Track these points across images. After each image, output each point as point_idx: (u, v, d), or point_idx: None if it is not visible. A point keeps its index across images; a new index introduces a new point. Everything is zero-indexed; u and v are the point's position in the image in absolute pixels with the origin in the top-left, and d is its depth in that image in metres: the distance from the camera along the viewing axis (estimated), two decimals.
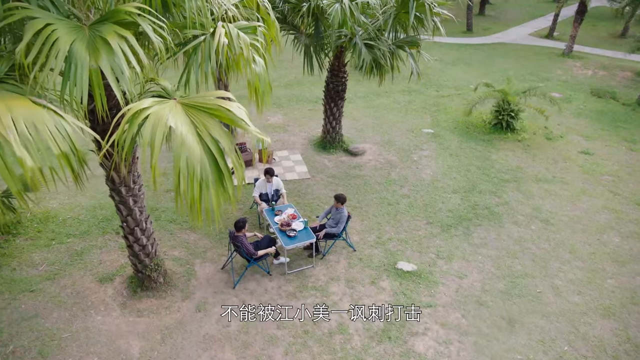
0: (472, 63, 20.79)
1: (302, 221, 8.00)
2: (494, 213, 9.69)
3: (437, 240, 8.81)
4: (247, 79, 4.32)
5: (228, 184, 3.77)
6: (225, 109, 3.68)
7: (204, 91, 4.18)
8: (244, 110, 3.83)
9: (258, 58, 4.44)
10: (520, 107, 13.34)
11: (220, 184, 3.76)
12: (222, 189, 3.78)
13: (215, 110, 3.73)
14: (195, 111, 3.78)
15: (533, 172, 11.40)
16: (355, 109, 15.00)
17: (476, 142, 12.94)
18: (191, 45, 4.30)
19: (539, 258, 8.40)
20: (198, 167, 3.50)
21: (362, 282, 7.69)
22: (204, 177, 3.58)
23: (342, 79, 11.17)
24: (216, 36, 4.08)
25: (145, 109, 3.48)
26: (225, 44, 4.07)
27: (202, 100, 3.84)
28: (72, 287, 7.17)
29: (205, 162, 3.60)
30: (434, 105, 15.70)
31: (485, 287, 7.72)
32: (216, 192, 3.73)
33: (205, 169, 3.59)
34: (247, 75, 4.25)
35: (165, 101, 3.76)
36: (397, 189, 10.47)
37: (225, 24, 4.25)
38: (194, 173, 3.48)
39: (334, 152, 12.00)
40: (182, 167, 3.43)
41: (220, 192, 3.77)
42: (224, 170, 3.72)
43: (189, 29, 4.26)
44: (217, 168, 3.73)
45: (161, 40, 3.81)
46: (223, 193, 3.79)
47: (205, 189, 3.60)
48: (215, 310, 6.99)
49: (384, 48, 9.17)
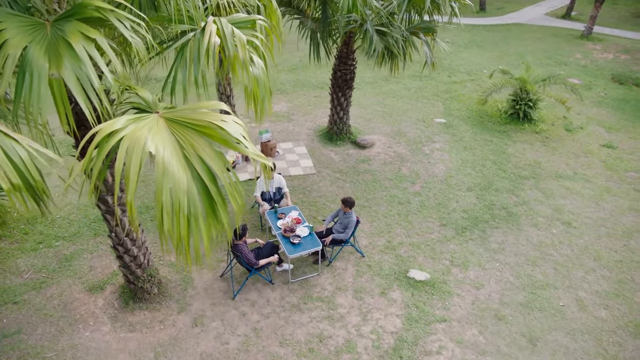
0: (486, 45, 19.80)
1: (307, 226, 7.42)
2: (511, 214, 9.07)
3: (451, 245, 8.22)
4: (244, 85, 3.65)
5: (222, 214, 3.16)
6: (217, 126, 3.04)
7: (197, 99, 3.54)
8: (241, 126, 3.19)
9: (257, 59, 3.76)
10: (539, 96, 12.54)
11: (212, 215, 3.15)
12: (214, 220, 3.17)
13: (205, 128, 3.09)
14: (182, 128, 3.14)
15: (552, 168, 10.71)
16: (363, 96, 14.23)
17: (491, 134, 12.21)
18: (177, 43, 3.63)
19: (561, 266, 7.82)
20: (185, 200, 2.89)
21: (371, 293, 7.15)
22: (192, 210, 2.98)
23: (351, 66, 10.41)
24: (206, 34, 3.40)
25: (117, 131, 2.84)
26: (217, 44, 3.39)
27: (190, 114, 3.20)
28: (60, 298, 6.68)
29: (194, 192, 2.98)
30: (446, 91, 14.89)
31: (504, 299, 7.17)
32: (207, 225, 3.13)
33: (193, 201, 2.98)
34: (244, 80, 3.58)
35: (145, 117, 3.12)
36: (408, 186, 9.83)
37: (217, 19, 3.56)
38: (179, 207, 2.87)
39: (341, 144, 11.33)
40: (164, 200, 2.82)
41: (213, 224, 3.17)
42: (217, 198, 3.10)
43: (174, 24, 3.58)
44: (208, 196, 3.11)
45: (140, 40, 3.14)
46: (216, 224, 3.19)
47: (194, 224, 3.00)
48: (214, 325, 6.49)
49: (397, 35, 8.39)
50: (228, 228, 3.21)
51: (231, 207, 7.24)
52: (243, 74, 3.52)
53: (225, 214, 3.19)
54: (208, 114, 3.18)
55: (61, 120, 2.96)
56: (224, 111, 3.41)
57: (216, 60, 3.43)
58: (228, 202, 4.60)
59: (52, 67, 2.83)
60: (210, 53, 3.36)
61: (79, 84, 2.87)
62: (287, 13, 9.78)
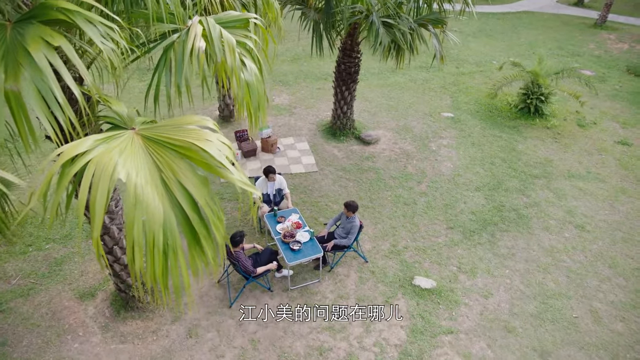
0: (495, 35, 19.17)
1: (307, 231, 7.06)
2: (522, 216, 8.67)
3: (459, 250, 7.86)
4: (233, 93, 3.25)
5: (206, 245, 2.80)
6: (199, 147, 2.66)
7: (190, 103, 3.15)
8: (227, 147, 2.80)
9: (250, 63, 3.35)
10: (551, 90, 12.03)
11: (195, 246, 2.79)
12: (198, 251, 2.81)
13: (185, 150, 2.71)
14: (160, 148, 2.76)
15: (565, 166, 10.27)
16: (367, 88, 13.75)
17: (500, 129, 11.74)
18: (159, 46, 3.23)
19: (574, 273, 7.44)
20: (160, 234, 2.53)
21: (374, 302, 6.82)
22: (169, 243, 2.61)
23: (356, 59, 9.94)
24: (190, 37, 3.00)
25: (82, 154, 2.47)
26: (202, 49, 2.99)
27: (171, 131, 2.82)
28: (48, 306, 6.39)
29: (172, 223, 2.62)
30: (454, 84, 14.38)
31: (514, 309, 6.82)
32: (191, 257, 2.77)
33: (172, 233, 2.61)
34: (233, 88, 3.18)
35: (118, 134, 2.74)
36: (413, 185, 9.44)
37: (204, 18, 3.15)
38: (154, 242, 2.51)
39: (344, 140, 10.91)
40: (136, 236, 2.46)
41: (196, 255, 2.81)
42: (199, 229, 2.74)
43: (152, 22, 3.16)
44: (190, 227, 2.75)
45: (114, 46, 2.75)
46: (201, 256, 2.83)
47: (172, 259, 2.64)
48: (209, 336, 6.19)
49: (404, 28, 7.91)
50: (214, 261, 2.85)
51: None
52: (232, 81, 3.12)
53: (210, 245, 2.82)
54: (191, 132, 2.80)
55: (21, 135, 2.59)
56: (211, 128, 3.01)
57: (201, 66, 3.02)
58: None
59: (9, 80, 2.45)
60: (194, 59, 2.96)
61: (40, 98, 2.49)
62: (289, 3, 9.30)
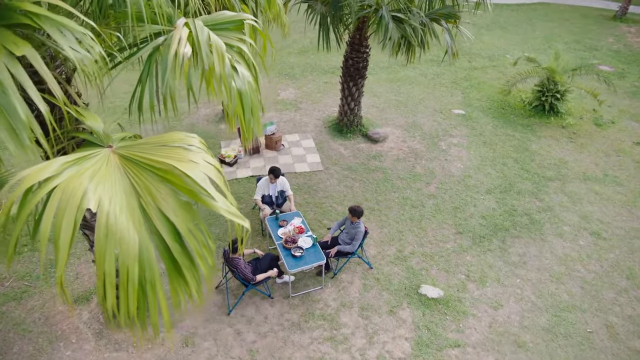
0: (509, 27, 18.54)
1: (310, 236, 6.78)
2: (534, 221, 8.31)
3: (468, 257, 7.54)
4: (222, 103, 2.93)
5: (189, 277, 2.53)
6: (181, 172, 2.37)
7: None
8: (214, 168, 2.51)
9: (243, 70, 3.03)
10: (567, 87, 11.54)
11: (177, 277, 2.52)
12: (180, 283, 2.54)
13: (166, 173, 2.43)
14: (139, 170, 2.48)
15: (580, 168, 9.85)
16: (376, 83, 13.35)
17: (513, 128, 11.31)
18: (142, 52, 2.93)
19: (588, 284, 7.10)
20: (135, 267, 2.26)
21: (378, 311, 6.55)
22: (147, 277, 2.34)
23: (364, 54, 9.56)
24: (174, 41, 2.68)
25: (48, 180, 2.19)
26: (187, 55, 2.68)
27: (152, 150, 2.54)
28: (41, 311, 6.20)
29: (150, 255, 2.35)
30: (466, 79, 13.90)
31: (524, 321, 6.51)
32: (173, 289, 2.50)
33: (149, 266, 2.34)
34: (221, 98, 2.86)
35: (92, 154, 2.47)
36: (422, 187, 9.10)
37: (191, 20, 2.83)
38: (128, 277, 2.24)
39: (351, 137, 10.57)
40: (107, 270, 2.19)
41: (178, 287, 2.54)
42: (181, 259, 2.46)
43: (130, 25, 2.85)
44: (171, 257, 2.47)
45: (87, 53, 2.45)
46: (184, 288, 2.56)
47: (150, 293, 2.37)
48: (205, 345, 5.97)
49: (415, 24, 7.51)
50: (198, 294, 2.58)
51: None
52: (221, 90, 2.81)
53: (193, 277, 2.55)
54: (174, 151, 2.51)
55: None
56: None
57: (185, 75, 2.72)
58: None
59: None
60: (178, 67, 2.66)
61: (4, 116, 2.21)
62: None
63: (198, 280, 2.68)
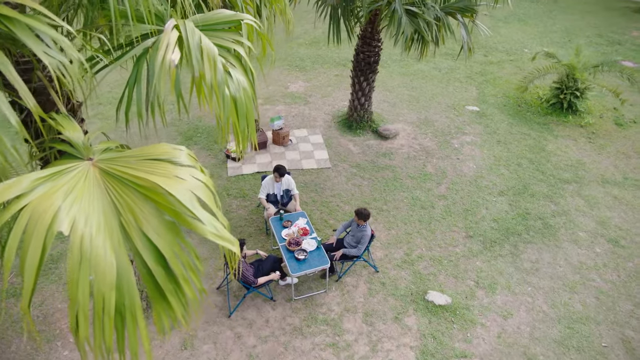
0: (528, 20, 17.94)
1: (314, 238, 6.58)
2: (548, 226, 8.00)
3: (478, 262, 7.29)
4: (214, 112, 2.68)
5: (174, 302, 2.34)
6: (165, 190, 2.17)
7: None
8: (203, 185, 2.30)
9: (238, 75, 2.79)
10: (587, 84, 11.08)
11: (161, 302, 2.34)
12: (165, 307, 2.36)
13: (149, 191, 2.23)
14: (121, 186, 2.29)
15: (599, 171, 9.46)
16: (388, 77, 13.00)
17: (529, 126, 10.93)
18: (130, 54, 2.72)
19: (604, 295, 6.81)
20: (112, 296, 2.08)
21: (383, 318, 6.36)
22: (126, 304, 2.16)
23: (376, 48, 9.24)
24: (161, 46, 2.46)
25: (16, 199, 2.01)
26: (174, 63, 2.45)
27: (136, 164, 2.33)
28: (40, 308, 6.13)
29: (130, 281, 2.16)
30: (481, 73, 13.48)
31: (535, 332, 6.27)
32: (157, 314, 2.32)
33: (129, 292, 2.16)
34: (211, 106, 2.63)
35: (70, 168, 2.28)
36: (432, 187, 8.83)
37: (182, 21, 2.60)
38: (104, 306, 2.06)
39: (360, 134, 10.30)
40: (81, 299, 2.01)
41: (163, 312, 2.36)
42: (164, 284, 2.27)
43: (114, 22, 2.62)
44: (153, 281, 2.29)
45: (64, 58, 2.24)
46: (169, 312, 2.38)
47: (130, 322, 2.19)
48: (205, 349, 5.85)
49: (429, 18, 7.17)
50: (184, 319, 2.39)
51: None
52: (211, 98, 2.58)
53: (179, 302, 2.36)
54: (159, 166, 2.31)
55: None
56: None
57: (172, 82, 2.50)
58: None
59: None
60: (164, 75, 2.44)
61: None
62: None
63: (184, 305, 2.50)
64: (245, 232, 7.58)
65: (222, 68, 2.61)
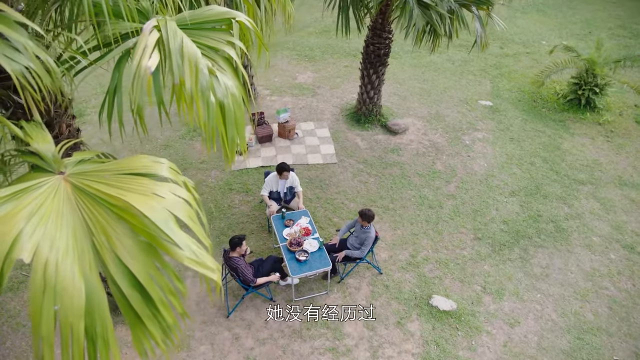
0: (547, 10, 17.31)
1: (316, 239, 6.40)
2: (561, 230, 7.71)
3: (486, 266, 7.05)
4: (198, 121, 2.44)
5: (152, 327, 2.17)
6: (139, 211, 1.97)
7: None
8: (184, 202, 2.11)
9: (225, 80, 2.54)
10: (608, 80, 10.63)
11: (139, 327, 2.17)
12: (143, 331, 2.19)
13: (121, 210, 2.04)
14: (93, 204, 2.10)
15: (616, 172, 9.09)
16: (399, 68, 12.64)
17: (544, 123, 10.54)
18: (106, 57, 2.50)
19: (618, 305, 6.54)
20: (80, 325, 1.90)
21: (385, 322, 6.18)
22: (98, 331, 1.99)
23: (386, 40, 8.91)
24: (138, 50, 2.23)
25: None
26: (150, 70, 2.22)
27: (111, 180, 2.14)
28: None
29: (101, 306, 1.99)
30: (496, 67, 13.04)
31: (543, 342, 6.04)
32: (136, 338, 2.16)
33: (101, 319, 1.99)
34: (192, 115, 2.39)
35: (38, 184, 2.09)
36: (441, 186, 8.55)
37: (163, 20, 2.37)
38: (71, 336, 1.89)
39: (369, 128, 10.02)
40: (44, 331, 1.84)
41: (142, 336, 2.19)
42: (141, 309, 2.09)
43: (88, 20, 2.39)
44: (128, 305, 2.11)
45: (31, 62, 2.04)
46: (149, 335, 2.21)
47: (103, 350, 2.02)
48: (201, 350, 5.73)
49: (442, 11, 6.83)
50: (164, 344, 2.22)
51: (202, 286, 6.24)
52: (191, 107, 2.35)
53: (158, 327, 2.18)
54: (136, 182, 2.12)
55: None
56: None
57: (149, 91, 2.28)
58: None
59: None
60: (138, 82, 2.21)
61: None
62: None
63: (164, 328, 2.32)
64: (246, 229, 7.42)
65: (207, 72, 2.39)
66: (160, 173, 2.23)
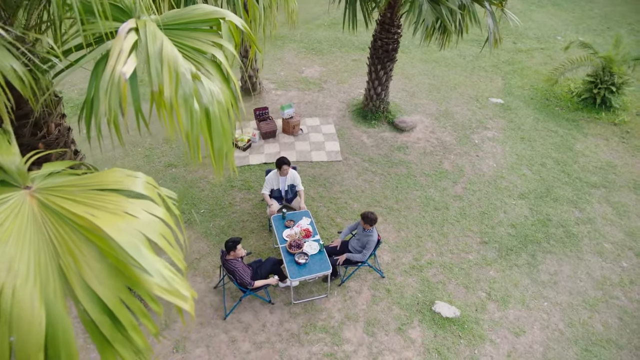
0: (564, 3, 16.80)
1: (317, 241, 6.23)
2: (571, 235, 7.45)
3: (491, 271, 6.84)
4: (180, 131, 2.27)
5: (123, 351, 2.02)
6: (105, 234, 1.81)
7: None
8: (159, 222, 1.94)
9: (211, 86, 2.35)
10: (625, 79, 10.25)
11: (109, 350, 2.02)
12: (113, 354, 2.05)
13: (88, 231, 1.88)
14: (60, 223, 1.94)
15: (631, 175, 8.77)
16: (409, 63, 12.33)
17: (557, 122, 10.21)
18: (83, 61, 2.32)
19: (629, 316, 6.30)
20: (39, 357, 1.76)
21: (386, 328, 6.01)
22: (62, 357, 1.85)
23: (395, 35, 8.63)
24: (112, 54, 2.05)
25: None
26: (126, 76, 2.04)
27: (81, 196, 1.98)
28: None
29: (66, 335, 1.84)
30: (508, 62, 12.67)
31: (549, 353, 5.84)
32: None
33: (65, 348, 1.84)
34: (173, 125, 2.21)
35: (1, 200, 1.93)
36: (448, 186, 8.32)
37: (143, 22, 2.18)
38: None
39: (375, 125, 9.79)
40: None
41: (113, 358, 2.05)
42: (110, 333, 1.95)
43: (58, 19, 2.21)
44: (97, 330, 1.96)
45: None
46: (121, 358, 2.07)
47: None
48: (197, 352, 5.63)
49: (453, 7, 6.55)
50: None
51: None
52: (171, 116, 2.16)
53: (129, 350, 2.03)
54: (108, 199, 1.95)
55: None
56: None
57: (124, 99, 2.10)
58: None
59: None
60: (114, 90, 2.04)
61: None
62: None
63: (137, 351, 2.17)
64: (247, 227, 7.28)
65: (190, 78, 2.20)
66: (134, 189, 2.06)
